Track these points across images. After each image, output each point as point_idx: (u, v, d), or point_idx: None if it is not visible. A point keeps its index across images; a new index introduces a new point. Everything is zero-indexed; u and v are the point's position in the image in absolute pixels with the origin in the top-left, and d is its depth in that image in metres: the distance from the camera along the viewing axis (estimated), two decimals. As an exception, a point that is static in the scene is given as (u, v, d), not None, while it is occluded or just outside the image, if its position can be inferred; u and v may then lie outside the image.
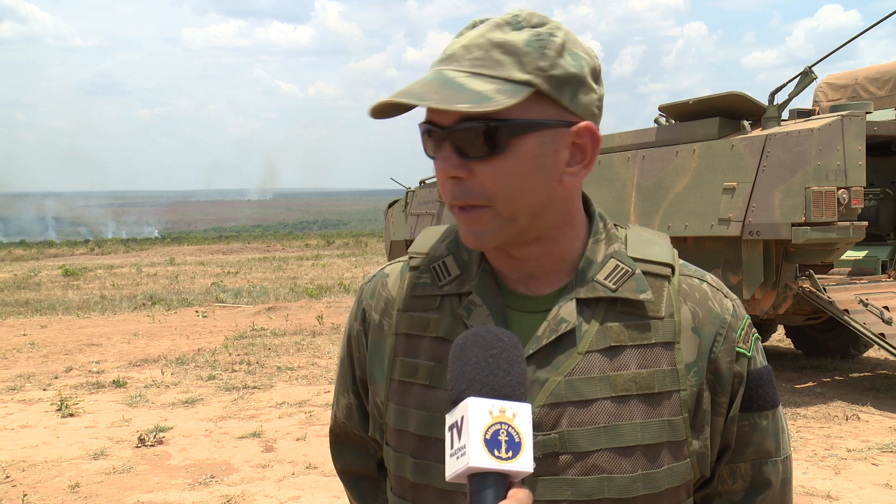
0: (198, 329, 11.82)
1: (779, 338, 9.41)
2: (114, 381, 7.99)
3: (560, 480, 0.95)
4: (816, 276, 6.61)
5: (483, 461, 0.77)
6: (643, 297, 0.99)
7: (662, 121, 7.93)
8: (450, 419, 0.82)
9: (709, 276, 1.07)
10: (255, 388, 7.62)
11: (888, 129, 6.90)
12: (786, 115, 6.98)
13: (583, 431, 0.95)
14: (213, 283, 19.04)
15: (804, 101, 17.40)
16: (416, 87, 0.92)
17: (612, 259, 1.02)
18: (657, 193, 7.36)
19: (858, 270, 7.76)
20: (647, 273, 1.02)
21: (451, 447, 0.80)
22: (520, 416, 0.80)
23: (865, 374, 7.66)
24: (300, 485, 4.92)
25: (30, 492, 4.91)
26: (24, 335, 11.49)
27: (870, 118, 6.62)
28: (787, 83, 6.91)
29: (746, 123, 7.03)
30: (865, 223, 6.41)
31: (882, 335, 6.31)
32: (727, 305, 1.05)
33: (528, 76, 0.92)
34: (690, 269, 1.06)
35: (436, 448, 0.99)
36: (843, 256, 7.36)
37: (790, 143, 6.33)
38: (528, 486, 0.79)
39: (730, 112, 7.07)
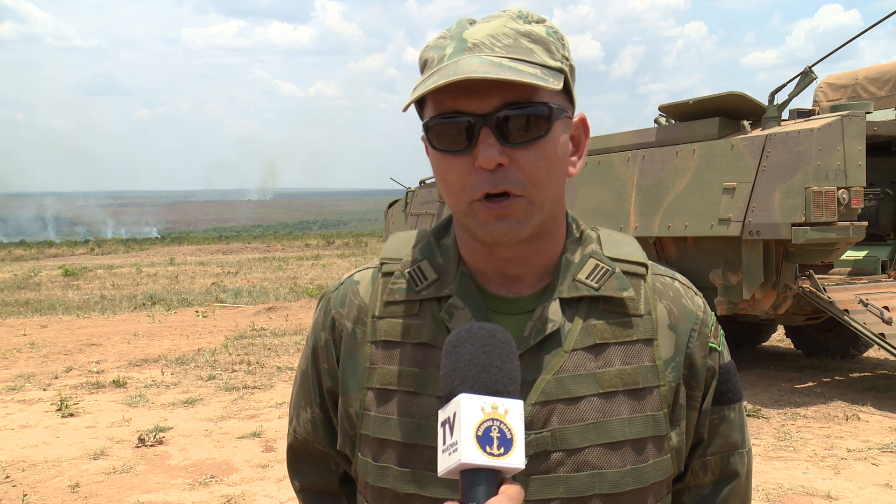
0: (198, 329, 11.83)
1: (779, 338, 9.41)
2: (114, 381, 7.99)
3: (552, 478, 0.96)
4: (816, 276, 6.61)
5: (475, 457, 0.77)
6: (625, 295, 1.01)
7: (662, 121, 7.93)
8: (442, 415, 0.82)
9: (678, 275, 1.10)
10: (255, 388, 7.62)
11: (888, 129, 6.90)
12: (786, 115, 6.98)
13: (573, 428, 0.96)
14: (213, 283, 19.05)
15: (804, 101, 17.41)
16: (471, 67, 0.89)
17: (592, 259, 1.03)
18: (657, 193, 7.36)
19: (858, 270, 7.76)
20: (625, 272, 1.04)
21: (444, 443, 0.81)
22: (512, 413, 0.80)
23: (865, 374, 7.66)
24: (300, 485, 4.92)
25: (30, 492, 4.91)
26: (24, 335, 11.49)
27: (870, 118, 6.62)
28: (787, 83, 6.91)
29: (746, 123, 7.03)
30: (865, 223, 6.41)
31: (882, 335, 6.31)
32: (698, 302, 1.08)
33: (559, 63, 0.95)
34: (661, 269, 1.09)
35: (424, 455, 0.97)
36: (843, 256, 7.37)
37: (790, 143, 6.33)
38: (521, 485, 0.80)
39: (730, 112, 7.07)
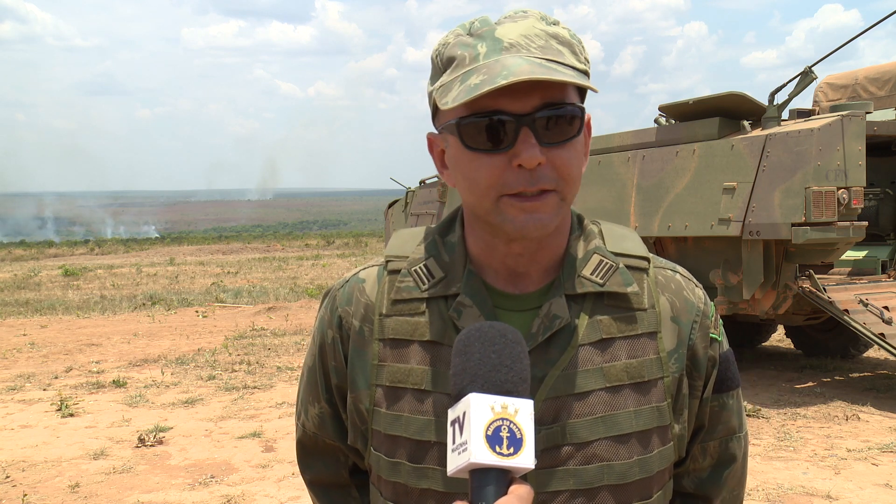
0: (198, 329, 11.82)
1: (779, 338, 9.41)
2: (114, 381, 7.99)
3: (562, 471, 0.98)
4: (816, 276, 6.60)
5: (484, 457, 0.77)
6: (630, 291, 1.03)
7: (662, 121, 7.93)
8: (452, 414, 0.82)
9: (679, 268, 1.12)
10: (255, 388, 7.62)
11: (888, 129, 6.90)
12: (786, 115, 6.98)
13: (582, 422, 0.98)
14: (213, 283, 19.05)
15: (804, 101, 17.40)
16: (522, 69, 0.91)
17: (596, 255, 1.05)
18: (657, 193, 7.36)
19: (858, 270, 7.76)
20: (628, 267, 1.05)
21: (453, 442, 0.81)
22: (522, 413, 0.80)
23: (865, 374, 7.65)
24: (300, 485, 4.91)
25: (30, 492, 4.91)
26: (24, 335, 11.49)
27: (870, 118, 6.61)
28: (787, 83, 6.90)
29: (746, 123, 7.02)
30: (865, 223, 6.41)
31: (882, 335, 6.31)
32: (699, 294, 1.10)
33: (584, 66, 0.98)
34: (662, 262, 1.11)
35: (435, 452, 0.99)
36: (843, 256, 7.36)
37: (790, 143, 6.33)
38: (531, 478, 0.80)
39: (730, 112, 7.07)
